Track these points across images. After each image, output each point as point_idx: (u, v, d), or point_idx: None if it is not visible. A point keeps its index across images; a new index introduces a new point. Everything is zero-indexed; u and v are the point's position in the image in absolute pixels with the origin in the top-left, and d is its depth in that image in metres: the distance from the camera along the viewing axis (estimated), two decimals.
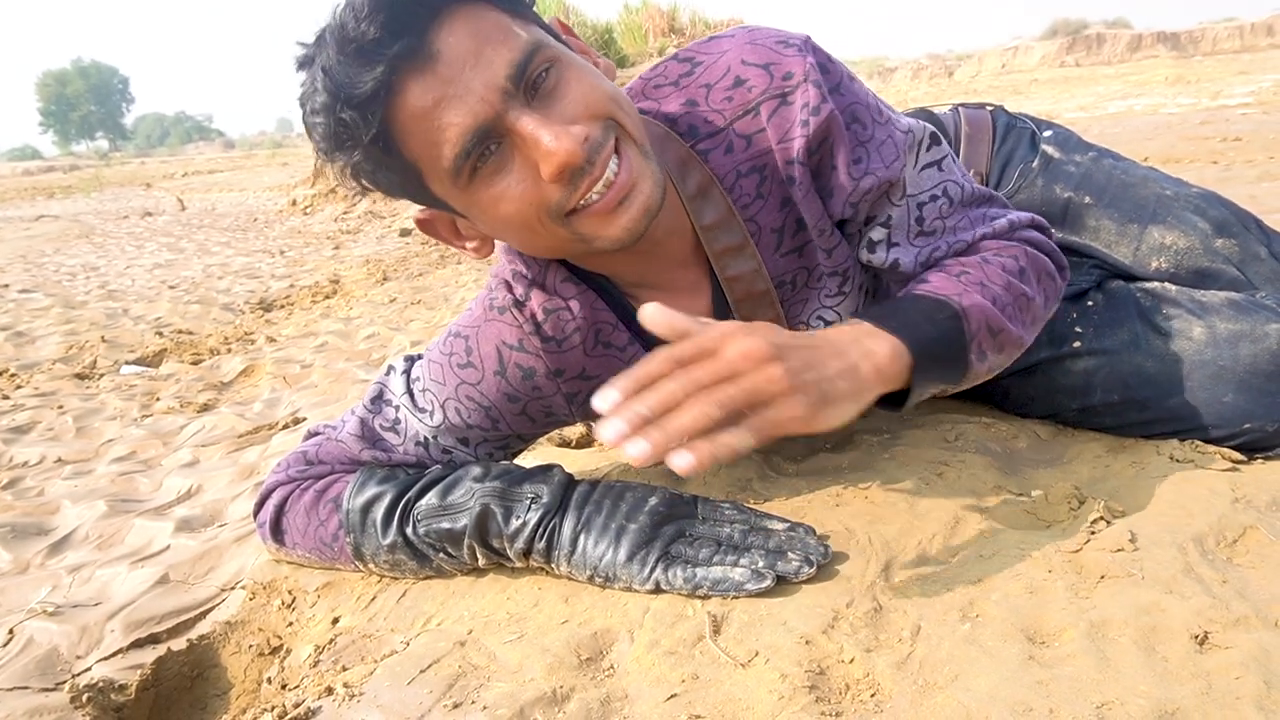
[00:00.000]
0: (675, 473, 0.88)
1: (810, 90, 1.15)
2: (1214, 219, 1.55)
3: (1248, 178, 4.80)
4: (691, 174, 1.20)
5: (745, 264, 1.25)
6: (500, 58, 0.98)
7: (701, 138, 1.20)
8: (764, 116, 1.18)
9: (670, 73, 1.23)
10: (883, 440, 1.59)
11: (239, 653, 1.41)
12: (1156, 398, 1.42)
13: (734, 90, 1.18)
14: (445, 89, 0.97)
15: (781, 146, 1.19)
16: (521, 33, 1.00)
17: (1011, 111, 1.79)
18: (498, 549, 1.28)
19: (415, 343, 3.50)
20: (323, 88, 0.96)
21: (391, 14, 0.93)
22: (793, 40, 1.19)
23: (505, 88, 0.98)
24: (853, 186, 1.20)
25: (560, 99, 1.02)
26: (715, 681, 0.99)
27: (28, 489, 2.37)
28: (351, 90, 0.95)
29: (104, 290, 5.86)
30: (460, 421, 1.34)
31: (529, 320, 1.27)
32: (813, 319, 1.35)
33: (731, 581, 1.13)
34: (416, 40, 0.95)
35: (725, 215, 1.21)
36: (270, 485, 1.47)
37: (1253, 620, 0.97)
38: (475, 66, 0.97)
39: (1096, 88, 17.62)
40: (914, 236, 1.28)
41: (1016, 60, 30.52)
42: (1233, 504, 1.22)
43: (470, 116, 0.98)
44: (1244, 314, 1.40)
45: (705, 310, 1.31)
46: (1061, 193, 1.63)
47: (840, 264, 1.31)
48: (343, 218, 9.40)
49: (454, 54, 0.96)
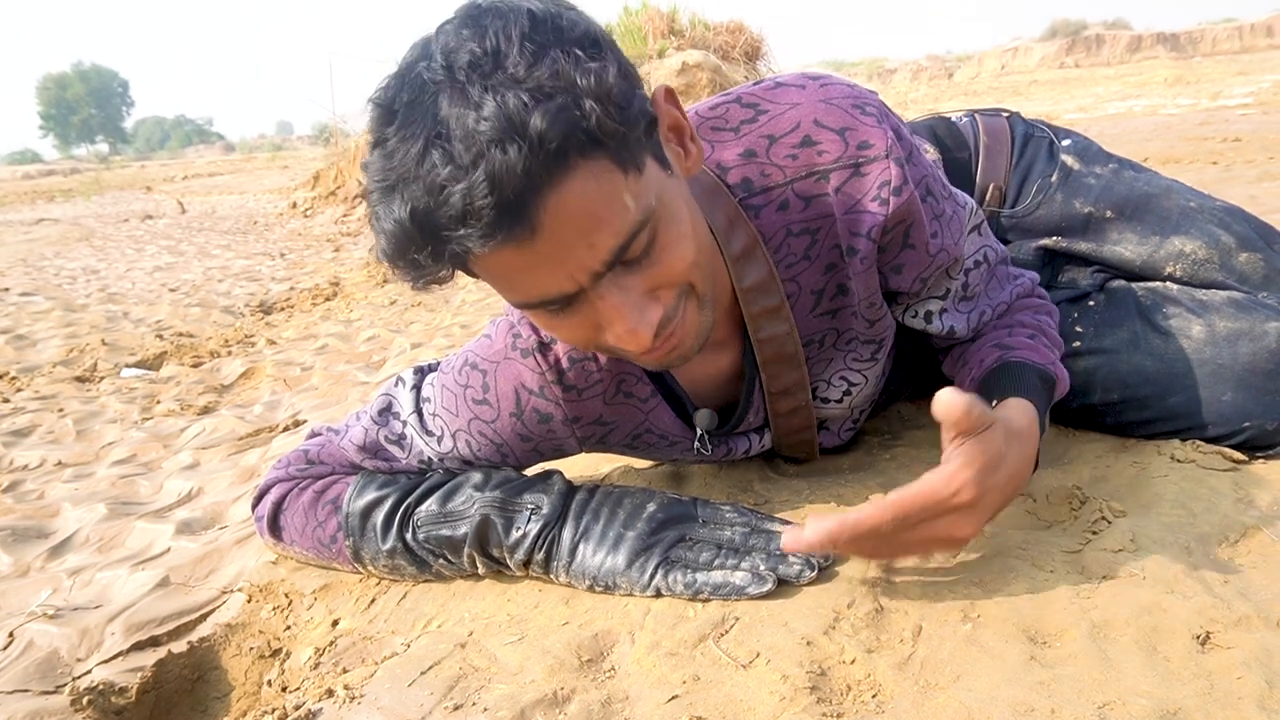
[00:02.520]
0: (675, 475, 0.88)
1: (892, 168, 1.12)
2: (1238, 234, 1.52)
3: (1247, 178, 4.80)
4: (738, 235, 1.15)
5: (779, 326, 1.22)
6: (603, 243, 0.88)
7: (755, 193, 1.15)
8: (832, 184, 1.13)
9: (731, 117, 1.18)
10: (883, 440, 1.59)
11: (239, 655, 1.41)
12: (1156, 397, 1.41)
13: (801, 150, 1.14)
14: (535, 260, 0.87)
15: (848, 217, 1.15)
16: (630, 205, 0.89)
17: (1028, 118, 1.75)
18: (497, 558, 1.27)
19: (416, 345, 3.50)
20: (404, 224, 0.85)
21: (508, 195, 0.81)
22: (869, 105, 1.15)
23: (598, 270, 0.90)
24: (928, 262, 1.20)
25: (648, 266, 0.95)
26: (716, 682, 0.99)
27: (28, 492, 2.37)
28: (439, 246, 0.85)
29: (104, 293, 5.86)
30: (469, 454, 1.32)
31: (552, 368, 1.23)
32: (835, 378, 1.34)
33: (733, 586, 1.13)
34: (521, 219, 0.83)
35: (766, 278, 1.18)
36: (269, 481, 1.46)
37: (1254, 620, 0.97)
38: (574, 247, 0.87)
39: (1096, 89, 17.63)
40: (959, 302, 1.30)
41: (1016, 61, 30.54)
42: (1234, 504, 1.22)
43: (552, 285, 0.91)
44: (1244, 312, 1.40)
45: (732, 367, 1.29)
46: (1081, 207, 1.60)
47: (879, 334, 1.30)
48: (343, 220, 9.40)
49: (556, 232, 0.85)
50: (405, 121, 0.84)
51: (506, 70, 0.81)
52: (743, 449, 1.38)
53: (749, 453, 1.40)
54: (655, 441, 1.35)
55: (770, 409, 1.31)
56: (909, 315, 1.31)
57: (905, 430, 1.63)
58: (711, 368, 1.28)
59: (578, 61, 0.82)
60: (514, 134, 0.79)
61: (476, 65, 0.82)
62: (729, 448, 1.37)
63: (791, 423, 1.34)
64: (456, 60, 0.82)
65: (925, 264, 1.20)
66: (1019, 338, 1.30)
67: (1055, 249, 1.62)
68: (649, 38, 8.88)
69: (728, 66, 8.98)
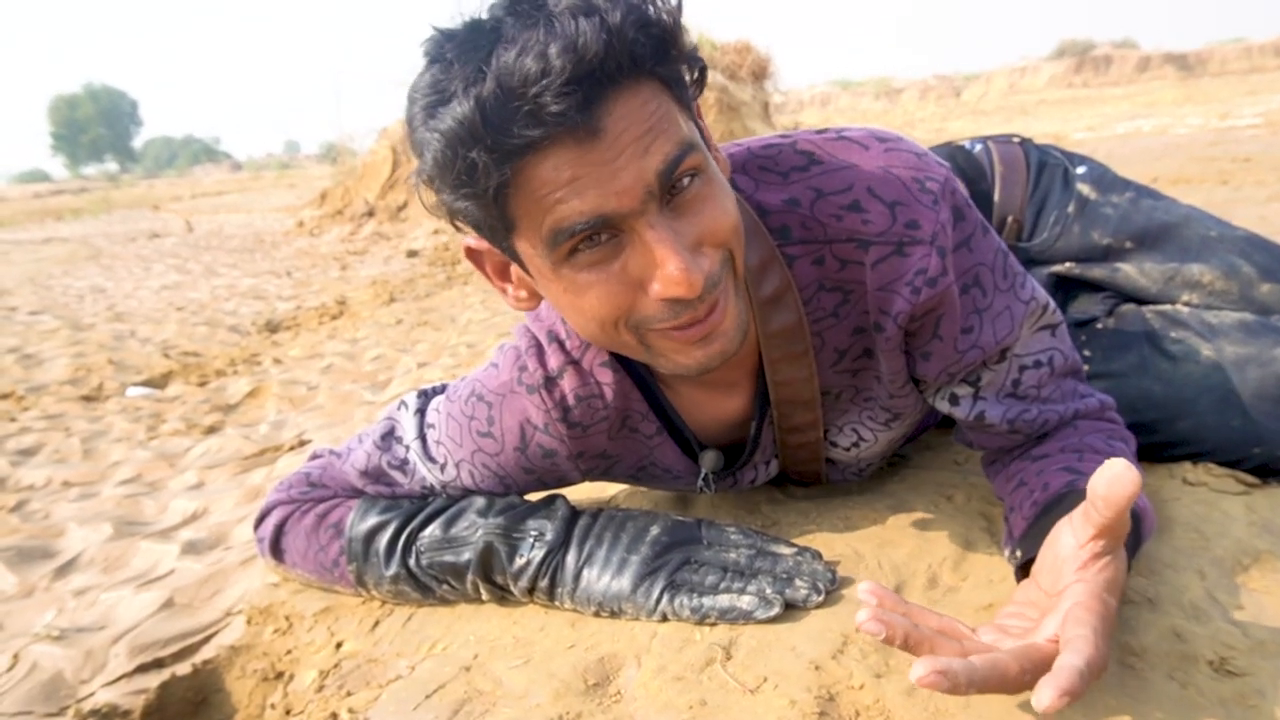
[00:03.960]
0: (681, 497, 0.87)
1: (933, 257, 1.06)
2: (1259, 264, 1.49)
3: (1258, 198, 4.80)
4: (770, 279, 1.11)
5: (799, 372, 1.18)
6: (659, 149, 0.87)
7: (793, 242, 1.11)
8: (871, 256, 1.08)
9: (783, 161, 1.13)
10: (891, 463, 1.58)
11: (243, 677, 1.40)
12: (1164, 421, 1.40)
13: (847, 213, 1.08)
14: (590, 169, 0.86)
15: (880, 294, 1.09)
16: (683, 126, 0.90)
17: (1041, 144, 1.72)
18: (501, 585, 1.26)
19: (422, 364, 3.50)
20: (464, 118, 0.83)
21: (573, 79, 0.81)
22: (931, 181, 1.08)
23: (651, 185, 0.88)
24: (956, 358, 1.13)
25: (695, 214, 0.93)
26: (724, 708, 0.98)
27: (34, 511, 2.37)
28: (500, 137, 0.83)
29: (111, 312, 5.89)
30: (472, 483, 1.31)
31: (557, 405, 1.20)
32: (848, 428, 1.30)
33: (739, 610, 1.12)
34: (586, 114, 0.83)
35: (794, 324, 1.14)
36: (271, 503, 1.46)
37: (1270, 645, 0.96)
38: (631, 154, 0.86)
39: (1104, 108, 17.67)
40: (1003, 396, 1.20)
41: (1024, 81, 30.63)
42: (1247, 527, 1.21)
43: (602, 202, 0.87)
44: (1253, 337, 1.39)
45: (741, 411, 1.26)
46: (1100, 239, 1.57)
47: (898, 409, 1.27)
48: (349, 239, 9.44)
49: (616, 136, 0.85)
50: (466, 40, 0.85)
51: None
52: (749, 479, 1.37)
53: (755, 482, 1.39)
54: (660, 475, 1.34)
55: (780, 440, 1.29)
56: (937, 398, 1.23)
57: (914, 453, 1.62)
58: (720, 410, 1.26)
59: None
60: (595, 11, 0.82)
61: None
62: (735, 479, 1.36)
63: (800, 455, 1.33)
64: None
65: (952, 359, 1.14)
66: (1090, 464, 1.10)
67: (1069, 275, 1.60)
68: None
69: (735, 86, 9.02)
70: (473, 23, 0.86)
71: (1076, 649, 0.77)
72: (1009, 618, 0.94)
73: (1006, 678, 0.79)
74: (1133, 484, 0.81)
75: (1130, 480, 0.81)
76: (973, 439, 1.29)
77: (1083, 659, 0.76)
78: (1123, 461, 0.82)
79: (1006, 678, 0.79)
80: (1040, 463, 1.16)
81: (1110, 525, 0.86)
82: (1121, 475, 0.81)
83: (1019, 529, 1.09)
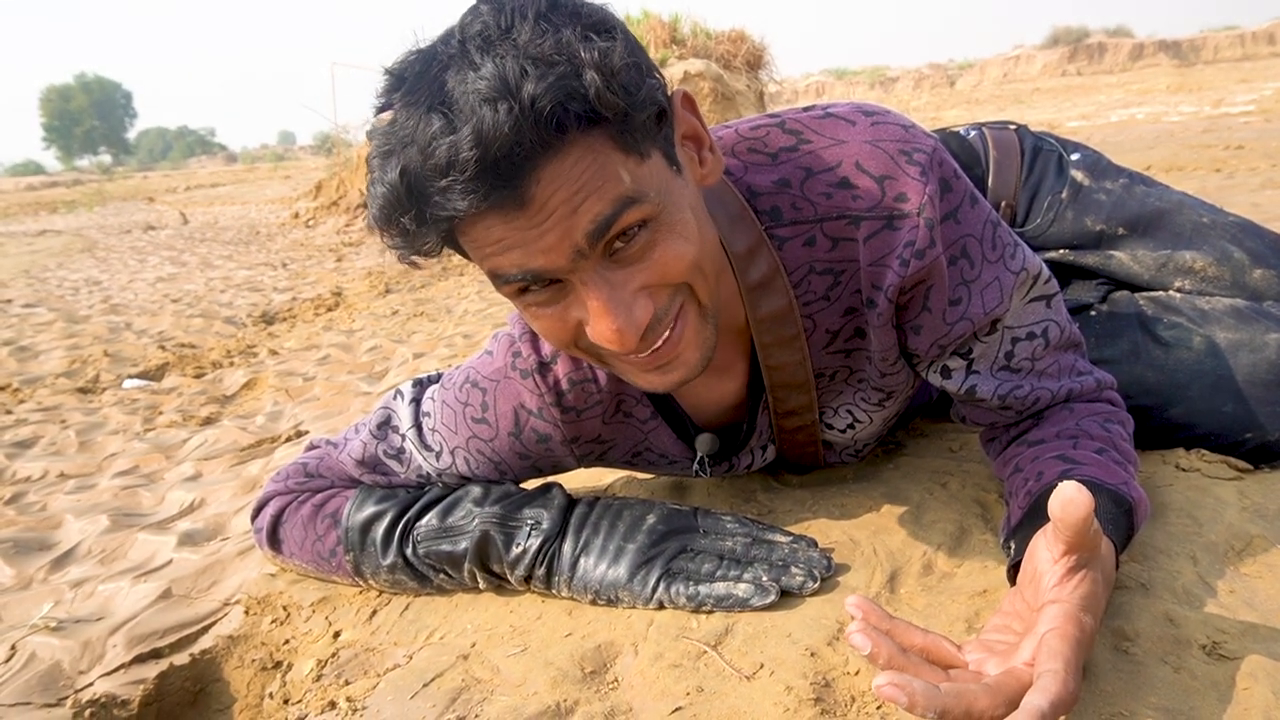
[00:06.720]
0: (678, 485, 0.87)
1: (920, 228, 1.05)
2: (1251, 250, 1.50)
3: (1251, 185, 4.80)
4: (758, 264, 1.12)
5: (792, 355, 1.19)
6: (588, 209, 0.85)
7: (783, 224, 1.11)
8: (862, 232, 1.08)
9: (771, 142, 1.13)
10: (887, 450, 1.59)
11: (241, 667, 1.40)
12: (1157, 407, 1.40)
13: (837, 190, 1.08)
14: (515, 233, 0.86)
15: (872, 269, 1.10)
16: (625, 178, 0.87)
17: (1035, 130, 1.73)
18: (498, 574, 1.27)
19: (418, 355, 3.50)
20: (394, 186, 0.84)
21: (485, 165, 0.80)
22: (917, 152, 1.07)
23: (579, 245, 0.87)
24: (945, 330, 1.13)
25: (641, 262, 0.92)
26: (720, 694, 0.98)
27: (31, 504, 2.37)
28: (425, 209, 0.84)
29: (107, 304, 5.88)
30: (467, 470, 1.32)
31: (551, 390, 1.22)
32: (841, 410, 1.31)
33: (735, 598, 1.12)
34: (512, 188, 0.82)
35: (784, 309, 1.14)
36: (268, 494, 1.46)
37: (1261, 630, 0.97)
38: (559, 216, 0.85)
39: (1098, 96, 17.65)
40: (997, 369, 1.20)
41: (1018, 69, 30.58)
42: (1240, 513, 1.22)
43: (528, 260, 0.88)
44: (1245, 323, 1.39)
45: (737, 394, 1.27)
46: (1093, 225, 1.58)
47: (890, 386, 1.27)
48: (345, 230, 9.42)
49: (543, 202, 0.84)
50: (411, 89, 0.84)
51: (512, 39, 0.81)
52: (745, 464, 1.37)
53: (751, 468, 1.39)
54: (655, 460, 1.34)
55: (776, 425, 1.30)
56: (929, 371, 1.22)
57: (909, 440, 1.62)
58: (715, 392, 1.26)
59: (586, 39, 0.82)
60: (507, 94, 0.78)
61: (485, 34, 0.82)
62: (731, 464, 1.36)
63: (796, 438, 1.34)
64: (469, 31, 0.83)
65: (941, 331, 1.13)
66: (1085, 451, 1.12)
67: (1062, 262, 1.61)
68: (651, 47, 8.91)
69: (729, 75, 9.01)
70: (421, 67, 0.85)
71: (1043, 686, 0.77)
72: (994, 631, 0.94)
73: (972, 711, 0.78)
74: (1084, 506, 0.82)
75: (1082, 503, 0.82)
76: (965, 414, 1.30)
77: (1048, 699, 0.76)
78: (1073, 484, 0.82)
79: (972, 711, 0.78)
80: (1036, 449, 1.17)
81: (1074, 544, 0.86)
82: (1074, 499, 0.82)
83: (1015, 518, 1.10)
